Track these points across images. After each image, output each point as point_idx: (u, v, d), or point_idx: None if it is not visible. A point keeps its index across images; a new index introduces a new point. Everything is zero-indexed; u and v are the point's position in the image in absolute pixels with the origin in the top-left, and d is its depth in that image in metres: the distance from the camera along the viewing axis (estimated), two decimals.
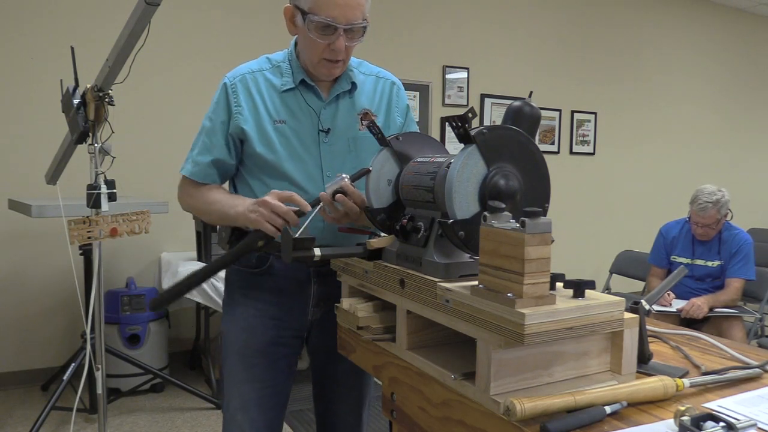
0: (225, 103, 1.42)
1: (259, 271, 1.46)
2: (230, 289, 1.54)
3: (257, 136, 1.40)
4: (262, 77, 1.43)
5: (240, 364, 1.46)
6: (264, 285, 1.47)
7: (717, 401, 0.96)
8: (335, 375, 1.57)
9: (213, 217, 1.44)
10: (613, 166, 5.59)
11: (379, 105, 1.51)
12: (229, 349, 1.49)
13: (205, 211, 1.45)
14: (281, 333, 1.48)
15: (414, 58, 4.52)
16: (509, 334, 0.86)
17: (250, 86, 1.41)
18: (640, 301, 1.13)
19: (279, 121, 1.40)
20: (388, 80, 1.54)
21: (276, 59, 1.46)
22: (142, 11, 1.66)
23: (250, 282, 1.48)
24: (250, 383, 1.45)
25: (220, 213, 1.39)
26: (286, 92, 1.42)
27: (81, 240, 2.01)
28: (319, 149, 1.42)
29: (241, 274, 1.50)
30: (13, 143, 3.36)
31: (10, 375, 3.41)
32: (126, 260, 3.65)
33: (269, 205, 1.24)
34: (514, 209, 0.99)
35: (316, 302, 1.49)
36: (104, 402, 2.19)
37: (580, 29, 5.32)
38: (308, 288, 1.47)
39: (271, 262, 1.45)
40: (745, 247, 3.07)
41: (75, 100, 2.10)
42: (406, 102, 1.58)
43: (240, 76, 1.42)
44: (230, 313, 1.51)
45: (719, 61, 6.19)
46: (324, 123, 1.42)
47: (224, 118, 1.42)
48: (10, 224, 3.34)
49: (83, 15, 3.46)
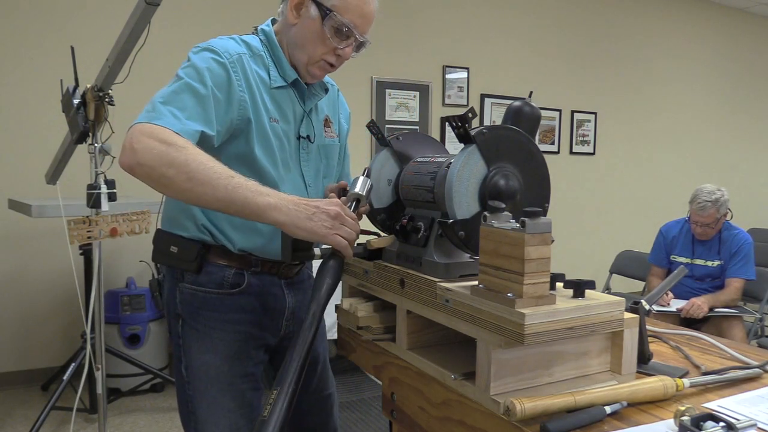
0: (225, 80, 1.19)
1: (237, 291, 1.29)
2: (195, 316, 1.29)
3: (257, 135, 1.23)
4: (251, 64, 1.25)
5: (228, 394, 1.28)
6: (241, 305, 1.30)
7: (717, 401, 0.96)
8: (308, 387, 1.46)
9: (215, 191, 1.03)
10: (613, 166, 5.59)
11: (334, 111, 1.47)
12: (209, 381, 1.27)
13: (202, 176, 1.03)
14: (260, 352, 1.36)
15: (414, 58, 4.52)
16: (509, 334, 0.86)
17: (247, 72, 1.23)
18: (640, 301, 1.13)
19: (273, 119, 1.27)
20: (335, 86, 1.48)
21: (255, 46, 1.29)
22: (142, 11, 1.66)
23: (224, 304, 1.29)
24: (241, 410, 1.29)
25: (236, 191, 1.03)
26: (276, 89, 1.28)
27: (81, 240, 2.01)
28: (299, 156, 1.33)
29: (210, 298, 1.28)
30: (13, 143, 3.36)
31: (10, 375, 3.41)
32: (126, 260, 3.65)
33: (345, 220, 1.07)
34: (514, 209, 0.99)
35: (290, 315, 1.39)
36: (104, 402, 2.19)
37: (580, 29, 5.32)
38: (283, 301, 1.37)
39: (248, 281, 1.30)
40: (745, 246, 3.06)
41: (75, 100, 2.10)
42: (348, 109, 1.54)
43: (236, 56, 1.22)
44: (205, 342, 1.28)
45: (719, 61, 6.19)
46: (303, 129, 1.34)
47: (220, 96, 1.18)
48: (10, 224, 3.34)
49: (83, 15, 3.46)
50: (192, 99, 1.14)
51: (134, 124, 1.08)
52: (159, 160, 1.04)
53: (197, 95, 1.15)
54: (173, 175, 1.04)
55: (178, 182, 1.04)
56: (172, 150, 1.04)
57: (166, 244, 1.29)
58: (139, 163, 1.05)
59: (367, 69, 4.29)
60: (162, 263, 1.33)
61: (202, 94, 1.15)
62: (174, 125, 1.08)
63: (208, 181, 1.04)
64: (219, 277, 1.28)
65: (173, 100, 1.13)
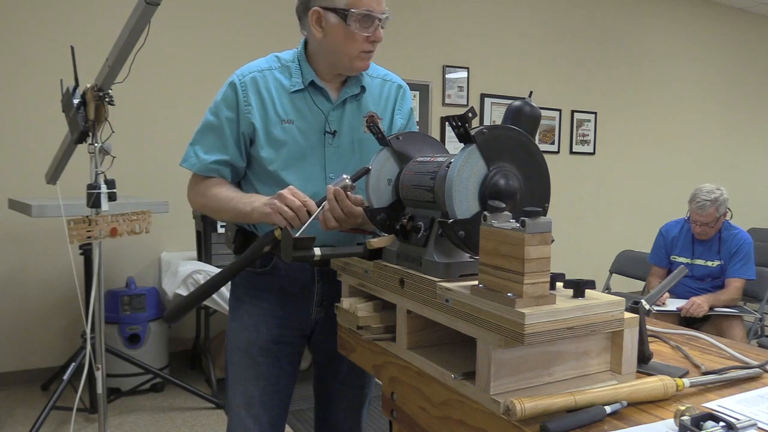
0: (234, 101, 1.41)
1: (263, 272, 1.48)
2: (235, 288, 1.55)
3: (264, 137, 1.40)
4: (272, 76, 1.43)
5: (245, 362, 1.48)
6: (268, 285, 1.48)
7: (717, 401, 0.96)
8: (337, 374, 1.58)
9: (227, 214, 1.43)
10: (613, 166, 5.59)
11: (385, 108, 1.52)
12: (233, 347, 1.51)
13: (217, 209, 1.44)
14: (285, 332, 1.49)
15: (414, 58, 4.52)
16: (509, 334, 0.86)
17: (260, 86, 1.41)
18: (640, 300, 1.13)
19: (287, 120, 1.41)
20: (395, 83, 1.56)
21: (285, 58, 1.46)
22: (142, 11, 1.66)
23: (254, 282, 1.50)
24: (255, 381, 1.46)
25: (235, 210, 1.38)
26: (295, 93, 1.42)
27: (81, 240, 2.01)
28: (324, 151, 1.43)
29: (245, 275, 1.50)
30: (13, 143, 3.36)
31: (10, 375, 3.41)
32: (126, 260, 3.65)
33: (284, 198, 1.24)
34: (514, 209, 0.99)
35: (320, 302, 1.50)
36: (104, 402, 2.19)
37: (580, 29, 5.32)
38: (312, 288, 1.48)
39: (275, 263, 1.47)
40: (745, 246, 3.06)
41: (75, 99, 2.10)
42: (411, 105, 1.59)
43: (250, 76, 1.42)
44: (235, 312, 1.53)
45: (720, 61, 6.19)
46: (331, 125, 1.44)
47: (232, 116, 1.41)
48: (10, 224, 3.34)
49: (83, 15, 3.46)
50: (211, 135, 1.44)
51: None
52: (198, 205, 1.50)
53: (214, 130, 1.43)
54: (207, 210, 1.49)
55: (212, 213, 1.49)
56: (199, 198, 1.47)
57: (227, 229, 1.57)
58: (192, 206, 1.54)
59: None
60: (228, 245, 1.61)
61: (216, 126, 1.43)
62: (194, 166, 1.45)
63: (220, 209, 1.44)
64: None
65: (198, 140, 1.46)
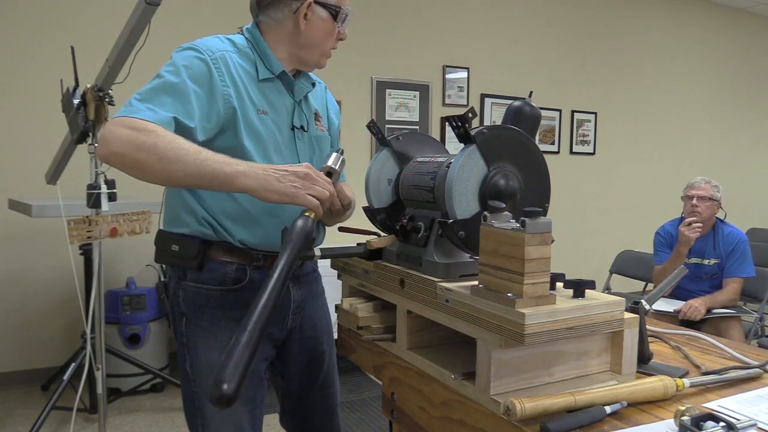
0: (207, 76, 1.20)
1: (239, 287, 1.29)
2: (199, 314, 1.29)
3: (244, 126, 1.24)
4: (235, 59, 1.27)
5: None
6: (244, 301, 1.24)
7: (717, 401, 0.96)
8: (314, 383, 1.48)
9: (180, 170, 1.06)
10: (613, 166, 5.59)
11: (322, 106, 1.49)
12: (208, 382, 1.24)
13: (170, 156, 1.05)
14: (267, 347, 1.35)
15: (414, 58, 4.52)
16: (509, 334, 0.86)
17: (230, 68, 1.24)
18: (640, 301, 1.13)
19: (262, 111, 1.28)
20: (321, 83, 1.52)
21: (239, 43, 1.30)
22: (142, 11, 1.66)
23: (227, 301, 1.29)
24: (244, 407, 1.30)
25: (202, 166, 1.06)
26: (263, 81, 1.29)
27: (81, 240, 2.01)
28: (296, 146, 1.34)
29: (213, 295, 1.28)
30: (13, 143, 3.36)
31: (10, 375, 3.41)
32: (126, 260, 3.65)
33: (315, 180, 1.08)
34: (514, 209, 0.99)
35: (296, 308, 1.40)
36: (104, 402, 2.19)
37: (580, 29, 5.32)
38: (288, 295, 1.37)
39: (250, 276, 1.29)
40: (741, 244, 3.05)
41: (75, 99, 2.11)
42: (336, 105, 1.57)
43: (219, 53, 1.23)
44: (209, 340, 1.29)
45: (719, 61, 6.18)
46: (296, 120, 1.36)
47: (200, 91, 1.18)
48: (10, 224, 3.34)
49: (83, 15, 3.46)
50: (169, 95, 1.15)
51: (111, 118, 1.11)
52: (129, 145, 1.06)
53: (175, 90, 1.16)
54: (144, 158, 1.05)
55: (150, 164, 1.06)
56: (141, 135, 1.06)
57: (167, 243, 1.29)
58: (113, 152, 1.07)
59: (367, 69, 4.29)
60: (164, 263, 1.33)
61: (179, 88, 1.16)
62: (148, 116, 1.10)
63: (177, 159, 1.06)
64: (221, 273, 1.27)
65: (150, 98, 1.14)
